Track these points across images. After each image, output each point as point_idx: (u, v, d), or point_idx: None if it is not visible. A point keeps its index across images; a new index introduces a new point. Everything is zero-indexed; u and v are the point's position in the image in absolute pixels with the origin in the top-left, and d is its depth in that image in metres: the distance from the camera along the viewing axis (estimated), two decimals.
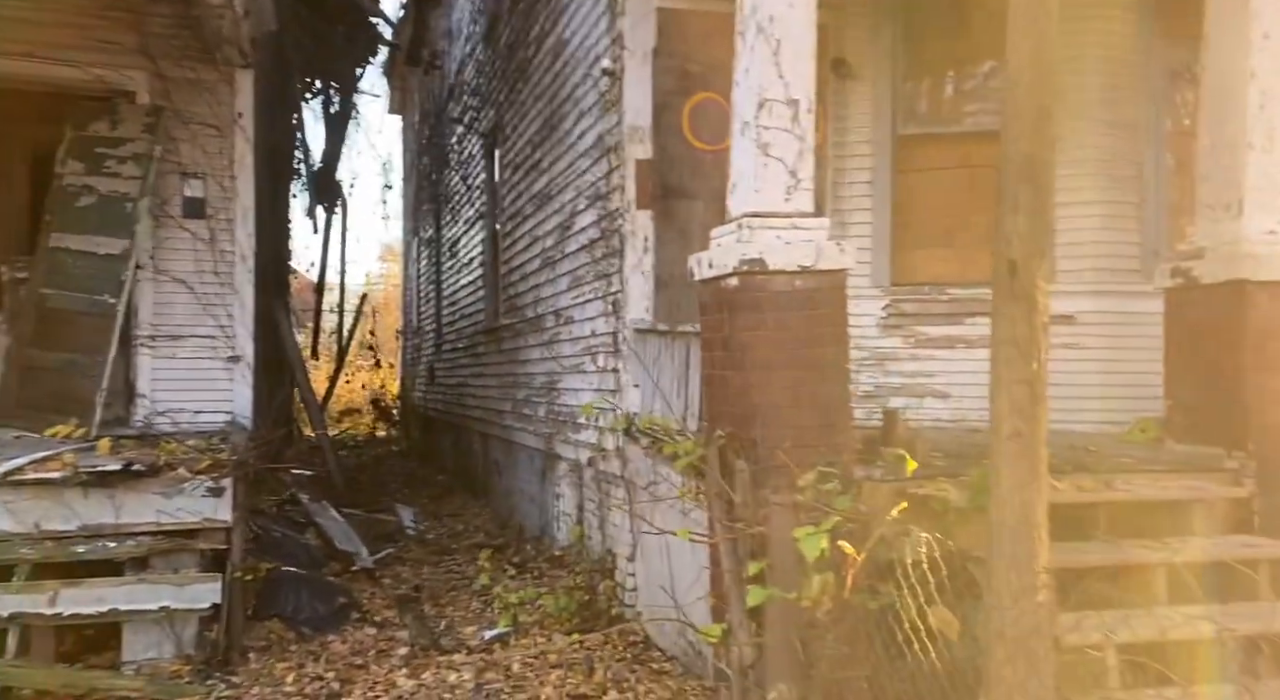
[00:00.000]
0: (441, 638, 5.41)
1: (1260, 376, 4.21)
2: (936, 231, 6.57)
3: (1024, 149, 2.90)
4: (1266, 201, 4.33)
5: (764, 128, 3.81)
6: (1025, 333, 2.87)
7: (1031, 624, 2.79)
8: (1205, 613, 3.36)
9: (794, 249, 3.76)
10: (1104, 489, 3.85)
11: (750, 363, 3.69)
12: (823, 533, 2.89)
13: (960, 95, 6.55)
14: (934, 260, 6.57)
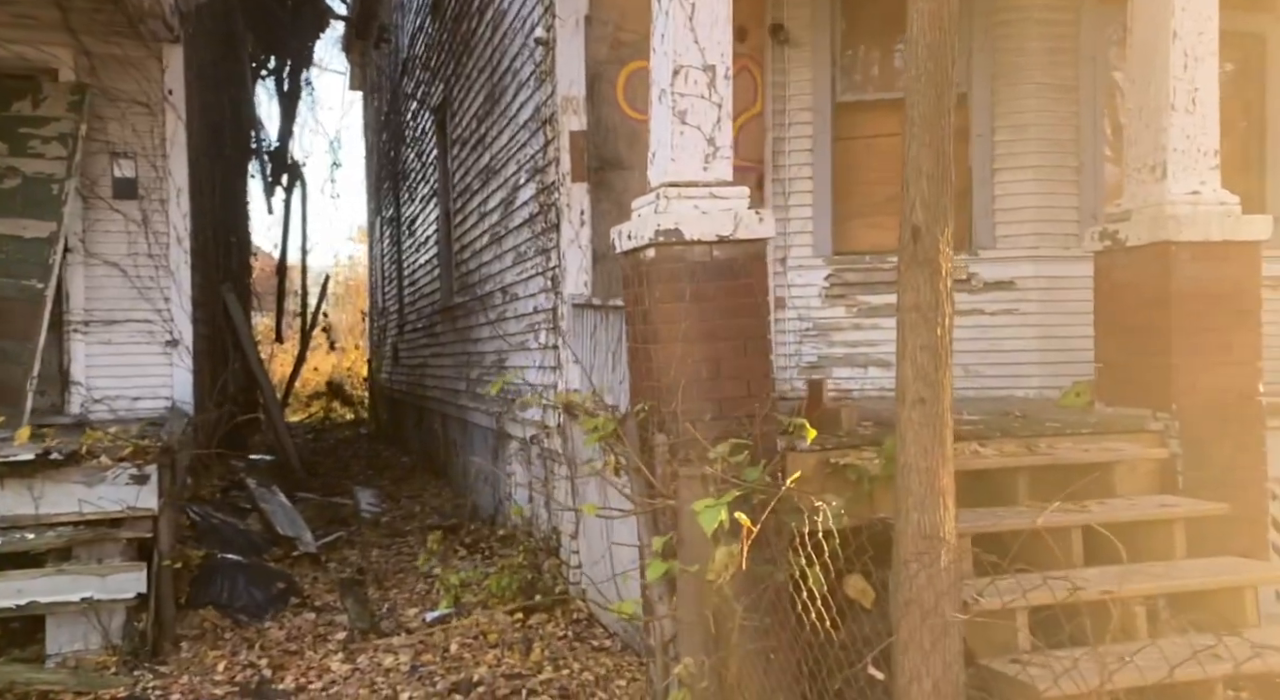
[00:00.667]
0: (382, 621, 5.36)
1: (1183, 338, 4.22)
2: (878, 199, 6.52)
3: (925, 113, 2.85)
4: (1189, 163, 4.32)
5: (680, 95, 3.73)
6: (929, 298, 2.84)
7: (939, 590, 2.78)
8: (1117, 573, 3.38)
9: (712, 219, 3.70)
10: (1026, 453, 3.86)
11: (669, 335, 3.63)
12: (721, 505, 2.86)
13: (901, 60, 6.48)
14: (876, 228, 6.53)
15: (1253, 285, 4.30)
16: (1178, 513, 3.71)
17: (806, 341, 6.37)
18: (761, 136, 6.33)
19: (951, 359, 2.89)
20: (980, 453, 3.81)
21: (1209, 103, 4.35)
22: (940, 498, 2.80)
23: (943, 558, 2.78)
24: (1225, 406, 4.25)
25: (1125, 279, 4.51)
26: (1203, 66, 4.32)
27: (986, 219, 6.15)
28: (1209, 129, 4.35)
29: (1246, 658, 2.78)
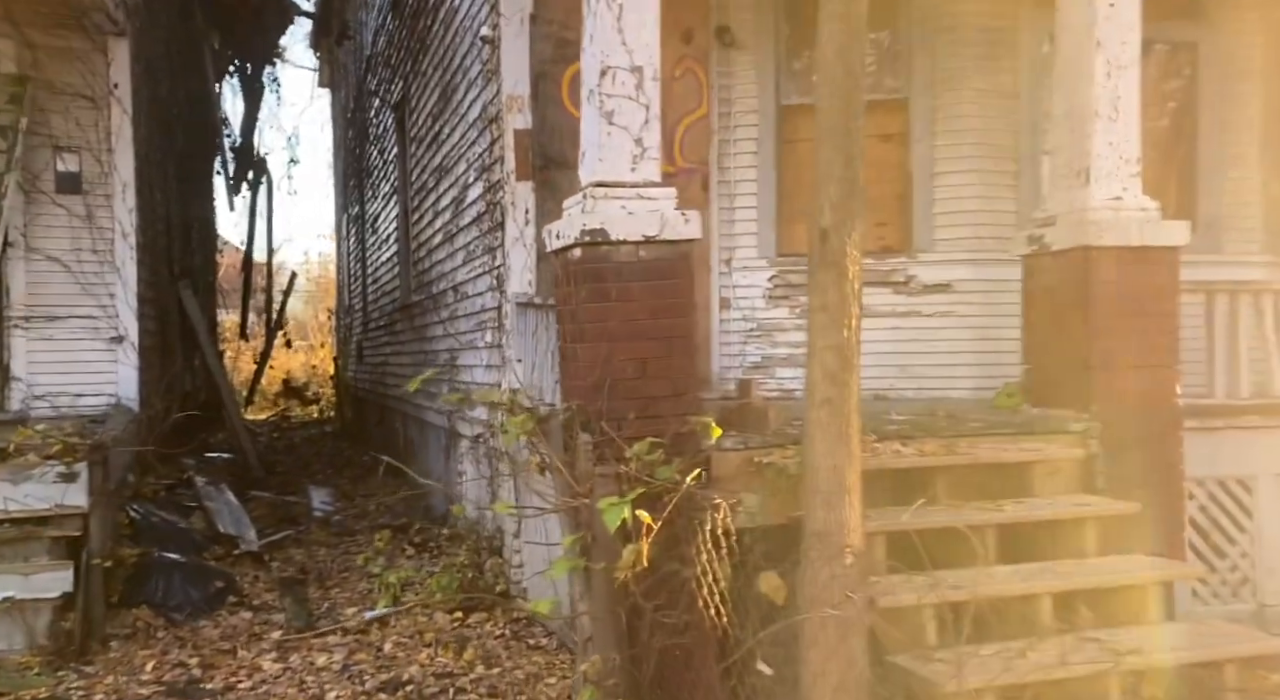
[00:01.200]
0: (320, 620, 5.35)
1: (1104, 340, 4.32)
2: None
3: (835, 117, 2.90)
4: (1112, 170, 4.42)
5: (608, 95, 3.77)
6: (836, 300, 2.89)
7: (843, 587, 2.84)
8: (1027, 571, 3.45)
9: (638, 219, 3.74)
10: (947, 453, 3.93)
11: (595, 334, 3.67)
12: (625, 503, 2.90)
13: None
14: None
15: (1171, 289, 4.40)
16: (1090, 512, 3.80)
17: (751, 342, 6.42)
18: (707, 138, 6.37)
19: (859, 359, 2.95)
20: (902, 452, 3.87)
21: (1131, 111, 4.45)
22: (846, 496, 2.85)
23: (847, 556, 2.84)
24: (1144, 408, 4.35)
25: (1050, 282, 4.60)
26: (1125, 75, 4.42)
27: (926, 222, 6.24)
28: (1131, 136, 4.45)
29: (1128, 651, 2.86)
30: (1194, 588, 4.59)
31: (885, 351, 6.26)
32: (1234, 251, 6.54)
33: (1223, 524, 4.65)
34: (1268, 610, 4.65)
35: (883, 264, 6.31)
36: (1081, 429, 4.35)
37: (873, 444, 4.01)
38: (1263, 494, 4.68)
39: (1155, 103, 6.78)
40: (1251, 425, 4.66)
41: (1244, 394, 4.74)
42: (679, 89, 6.32)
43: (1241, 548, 4.67)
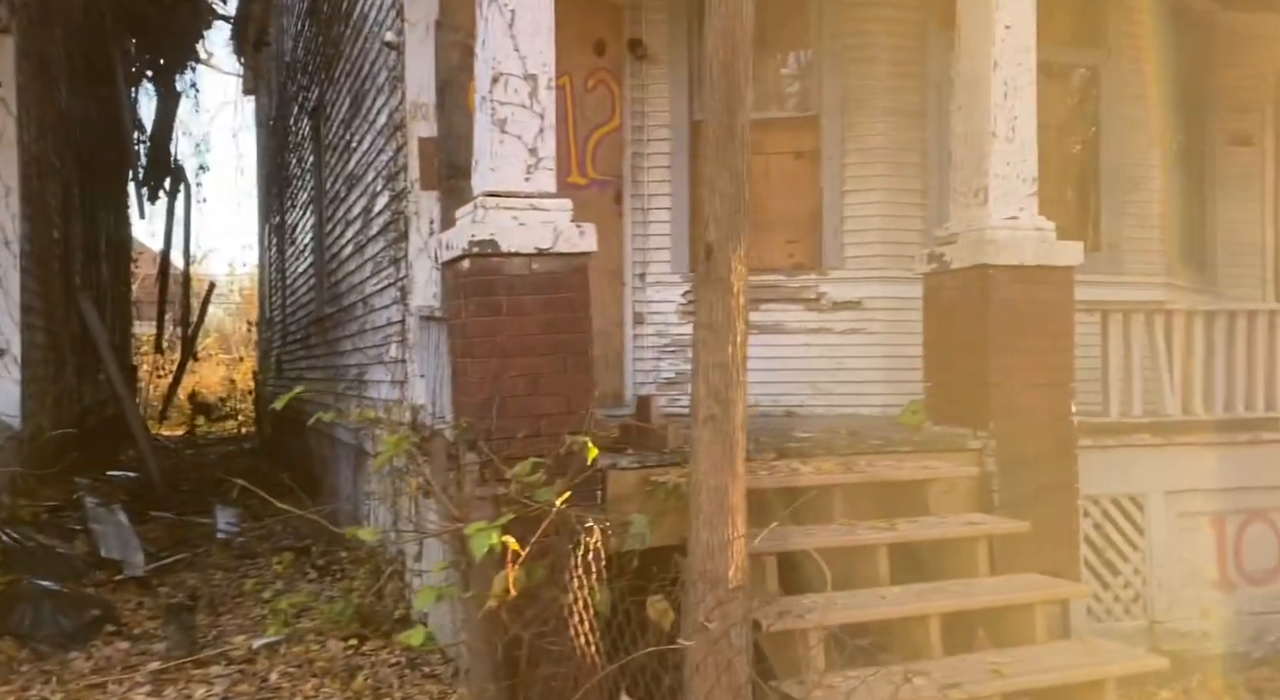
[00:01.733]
0: (205, 649, 5.07)
1: (1000, 358, 4.35)
2: None
3: (719, 131, 2.84)
4: (1009, 189, 4.47)
5: (500, 103, 3.66)
6: (721, 316, 2.82)
7: (726, 612, 2.75)
8: (918, 592, 3.42)
9: (531, 231, 3.62)
10: (844, 471, 3.89)
11: (484, 349, 3.54)
12: (495, 528, 2.77)
13: (758, 83, 6.55)
14: None
15: (1066, 308, 4.46)
16: (982, 531, 3.80)
17: (665, 357, 6.36)
18: (620, 151, 6.31)
19: (745, 376, 2.88)
20: (799, 470, 3.82)
21: (1028, 131, 4.51)
22: (729, 516, 2.77)
23: (731, 579, 2.75)
24: (1039, 426, 4.39)
25: (950, 301, 4.63)
26: (1022, 96, 4.48)
27: (835, 240, 6.27)
28: (1028, 157, 4.51)
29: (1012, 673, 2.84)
30: (1089, 605, 4.64)
31: (797, 368, 6.27)
32: (1135, 272, 6.73)
33: (1116, 541, 4.72)
34: (1159, 626, 4.72)
35: (794, 281, 6.32)
36: (979, 446, 4.36)
37: (771, 462, 3.95)
38: (1154, 511, 4.76)
39: (1059, 125, 6.96)
40: (1143, 443, 4.74)
41: (1137, 412, 4.83)
42: (591, 101, 6.25)
43: (1134, 564, 4.74)
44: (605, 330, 6.27)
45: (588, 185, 6.24)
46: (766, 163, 6.56)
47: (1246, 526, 5.00)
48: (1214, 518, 4.94)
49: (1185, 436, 4.81)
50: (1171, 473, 4.80)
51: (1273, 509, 5.04)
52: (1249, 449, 4.95)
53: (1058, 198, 6.91)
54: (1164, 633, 4.74)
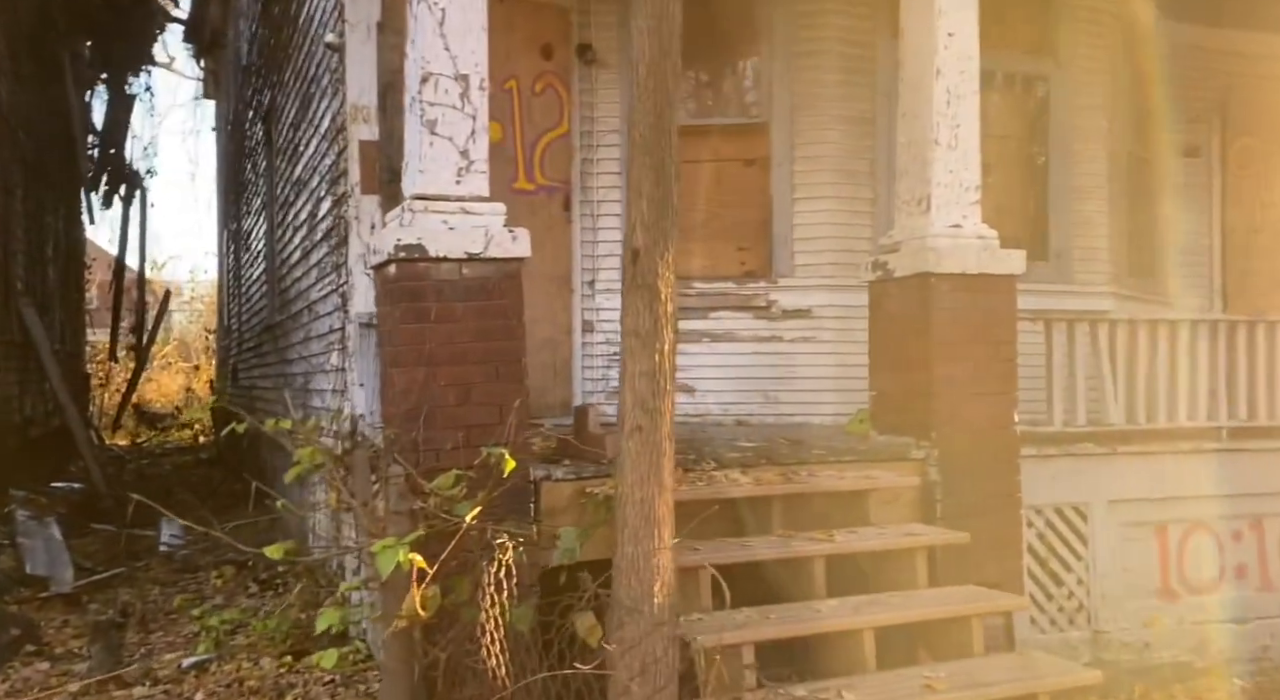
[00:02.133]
0: (131, 668, 4.88)
1: (943, 367, 4.31)
2: (687, 225, 6.49)
3: (646, 133, 2.77)
4: (952, 198, 4.45)
5: (429, 104, 3.56)
6: (648, 324, 2.74)
7: (651, 628, 2.66)
8: (853, 604, 3.36)
9: (461, 235, 3.53)
10: (784, 481, 3.83)
11: (411, 358, 3.43)
12: (403, 544, 2.67)
13: (710, 89, 6.54)
14: (684, 254, 6.35)
15: (1008, 317, 4.44)
16: (921, 542, 3.75)
17: (615, 366, 6.22)
18: (569, 156, 6.23)
19: (673, 385, 2.80)
20: (738, 481, 3.75)
21: (970, 140, 4.49)
22: (655, 529, 2.69)
23: (656, 593, 2.67)
24: (982, 435, 4.36)
25: (894, 309, 4.59)
26: (964, 104, 4.47)
27: (785, 248, 6.23)
28: (970, 165, 4.49)
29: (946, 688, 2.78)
30: (1032, 616, 4.61)
31: (747, 377, 6.21)
32: (1083, 282, 6.76)
33: (1059, 551, 4.70)
34: (1101, 637, 4.71)
35: (744, 288, 6.27)
36: (922, 456, 4.32)
37: (711, 472, 3.88)
38: (1097, 521, 4.75)
39: (1009, 135, 6.99)
40: (1086, 452, 4.74)
41: (1080, 422, 4.82)
42: (539, 105, 6.17)
43: (1077, 575, 4.72)
44: (554, 338, 6.18)
45: (535, 191, 6.15)
46: (718, 169, 6.52)
47: (1189, 536, 5.01)
48: (1157, 527, 4.94)
49: (1128, 446, 4.81)
50: (1115, 482, 4.80)
51: (1215, 518, 5.05)
52: (1191, 458, 4.96)
53: (1007, 207, 6.94)
54: (1107, 643, 4.72)
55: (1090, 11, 6.80)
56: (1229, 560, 5.10)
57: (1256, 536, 5.16)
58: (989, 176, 6.81)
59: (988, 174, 6.79)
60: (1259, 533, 5.16)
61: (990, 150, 6.92)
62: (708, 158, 6.51)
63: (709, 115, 6.44)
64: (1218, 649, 4.95)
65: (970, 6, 4.45)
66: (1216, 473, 5.04)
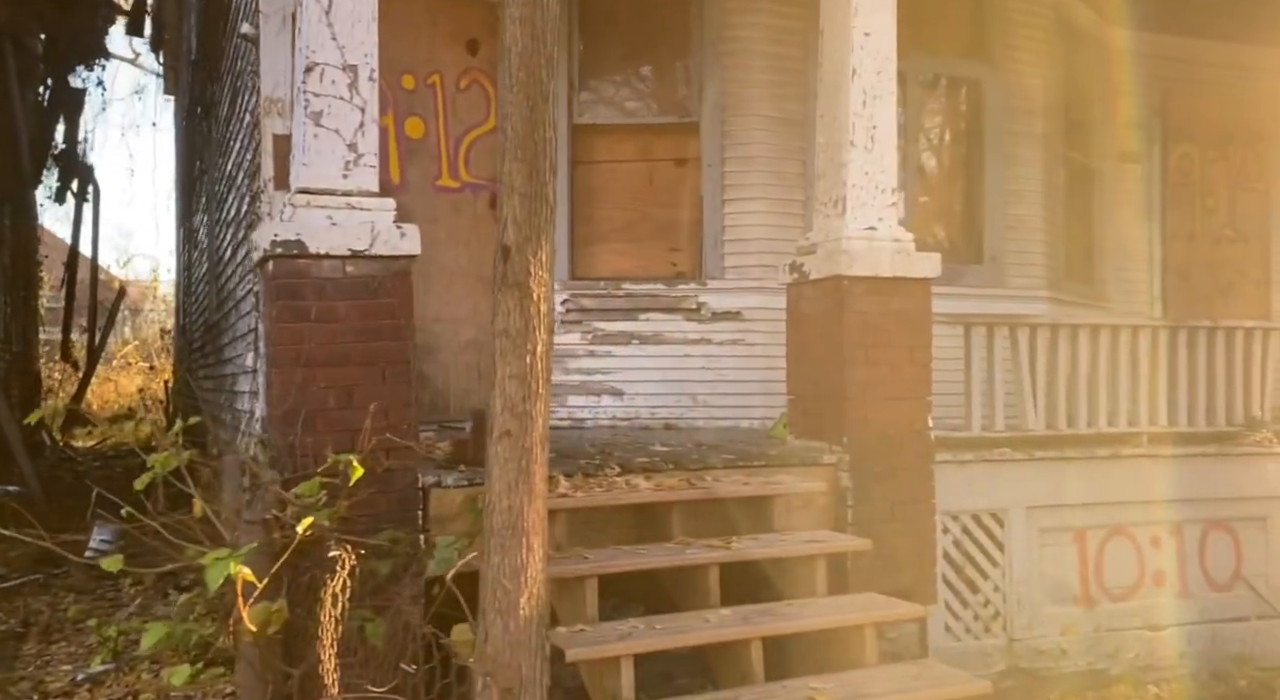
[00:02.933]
0: (19, 682, 4.69)
1: (855, 370, 4.25)
2: (618, 224, 6.43)
3: (519, 126, 2.67)
4: (867, 199, 4.38)
5: (315, 95, 3.43)
6: (519, 324, 2.64)
7: (516, 642, 2.55)
8: (745, 614, 3.27)
9: (345, 231, 3.40)
10: (686, 487, 3.74)
11: (288, 358, 3.30)
12: (236, 557, 2.54)
13: (640, 86, 6.45)
14: (617, 254, 6.43)
15: (923, 320, 4.38)
16: (820, 549, 3.67)
17: None
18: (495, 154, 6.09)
19: (546, 389, 2.69)
20: (638, 487, 3.66)
21: (887, 141, 4.43)
22: (523, 539, 2.58)
23: (523, 605, 2.56)
24: (894, 440, 4.30)
25: (809, 312, 4.52)
26: (881, 104, 4.40)
27: (716, 250, 6.15)
28: (887, 167, 4.43)
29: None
30: (948, 623, 4.56)
31: (676, 379, 6.13)
32: (1018, 286, 6.75)
33: (976, 558, 4.65)
34: (1018, 644, 4.66)
35: (674, 290, 6.19)
36: (833, 461, 4.25)
37: (613, 477, 3.78)
38: (1015, 527, 4.71)
39: (941, 137, 6.98)
40: (1004, 458, 4.69)
41: (999, 427, 4.78)
42: (465, 101, 6.04)
43: (994, 582, 4.67)
44: (478, 340, 6.05)
45: (461, 188, 6.02)
46: (650, 169, 6.44)
47: (1108, 542, 4.99)
48: (1077, 533, 4.91)
49: (1046, 451, 4.78)
50: (1033, 488, 4.76)
51: (1133, 524, 5.03)
52: (1110, 464, 4.94)
53: (941, 209, 6.93)
54: (1023, 650, 4.68)
55: (1025, 15, 6.79)
56: (1148, 566, 5.08)
57: (1176, 542, 5.15)
58: (922, 179, 6.82)
59: (921, 177, 6.81)
60: (1178, 539, 5.15)
61: (924, 152, 6.94)
62: (639, 157, 6.43)
63: (640, 114, 6.35)
64: (1134, 656, 4.93)
65: (888, 7, 4.39)
66: (1137, 478, 5.02)
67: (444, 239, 5.95)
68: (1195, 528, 5.19)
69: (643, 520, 3.73)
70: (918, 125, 6.70)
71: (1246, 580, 5.29)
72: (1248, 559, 5.31)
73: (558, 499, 3.42)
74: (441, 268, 5.96)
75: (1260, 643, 5.19)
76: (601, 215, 6.41)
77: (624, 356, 6.16)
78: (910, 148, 6.49)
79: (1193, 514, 5.17)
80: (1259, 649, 5.18)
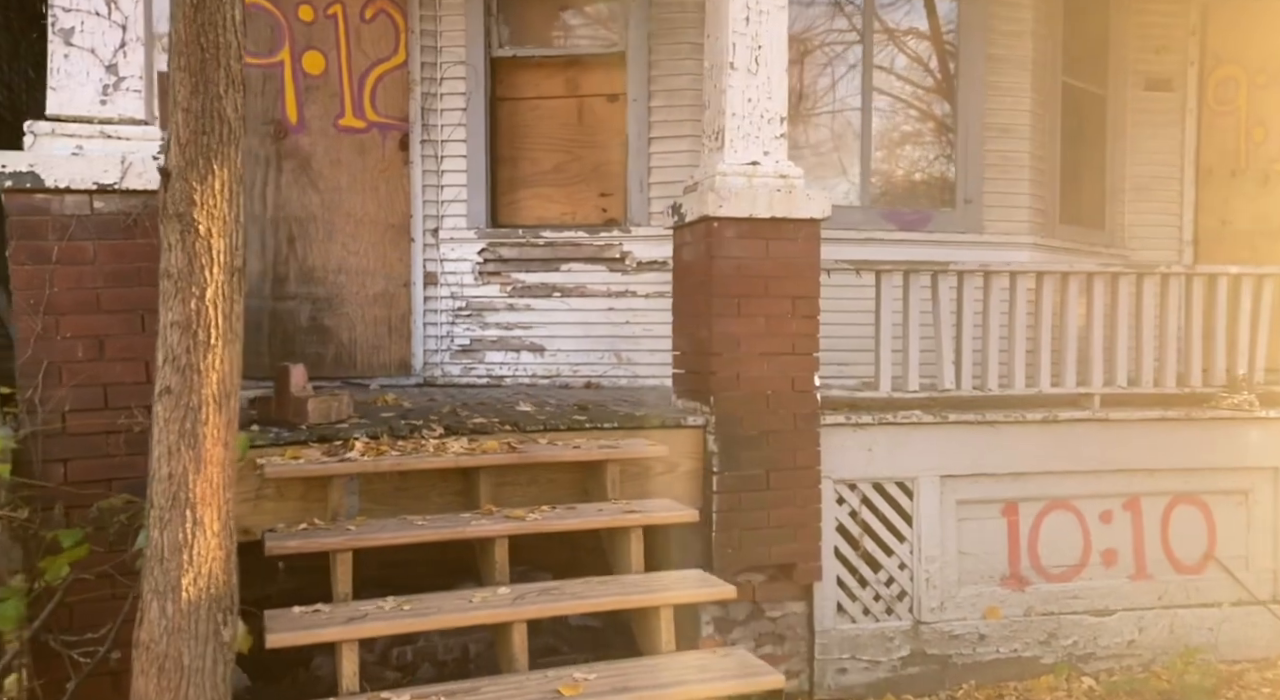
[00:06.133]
0: None
1: (725, 323, 3.76)
2: (545, 168, 5.98)
3: (183, 29, 2.27)
4: (750, 131, 3.84)
5: (64, 9, 3.08)
6: (181, 263, 2.26)
7: (174, 628, 2.22)
8: (518, 594, 2.87)
9: (90, 163, 3.06)
10: (506, 451, 3.33)
11: (28, 304, 2.99)
12: None
13: (565, 13, 5.93)
14: (542, 200, 5.99)
15: (808, 268, 3.85)
16: (635, 520, 3.23)
17: (460, 322, 5.79)
18: (406, 91, 5.70)
19: (219, 339, 2.31)
20: (447, 450, 3.27)
21: (775, 63, 3.86)
22: (186, 512, 2.23)
23: (186, 589, 2.22)
24: (773, 401, 3.81)
25: (687, 259, 4.04)
26: (768, 21, 3.84)
27: (641, 193, 5.66)
28: (775, 93, 3.87)
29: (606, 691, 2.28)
30: (840, 603, 4.08)
31: (600, 335, 5.71)
32: (998, 230, 6.07)
33: (878, 531, 4.14)
34: (926, 627, 4.16)
35: (597, 238, 5.73)
36: (700, 423, 3.79)
37: (428, 441, 3.40)
38: (926, 498, 4.17)
39: (906, 64, 6.27)
40: (909, 421, 4.14)
41: (912, 387, 4.23)
42: (370, 33, 5.64)
43: (899, 558, 4.16)
44: (388, 292, 5.72)
45: (367, 128, 5.65)
46: (580, 106, 5.95)
47: (1046, 516, 4.41)
48: (1006, 506, 4.35)
49: (964, 414, 4.21)
50: (949, 456, 4.21)
51: (1078, 496, 4.44)
52: (1047, 429, 4.34)
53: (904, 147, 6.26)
54: (933, 635, 4.18)
55: None
56: (1096, 544, 4.49)
57: (1131, 517, 4.54)
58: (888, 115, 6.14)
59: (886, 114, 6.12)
60: (1134, 513, 4.54)
61: (884, 83, 6.25)
62: (567, 93, 5.94)
63: (564, 44, 5.85)
64: (1073, 643, 4.38)
65: None
66: (1083, 445, 4.42)
67: (347, 184, 5.60)
68: (1157, 501, 4.57)
69: (468, 486, 3.36)
70: (883, 54, 6.02)
71: (1220, 561, 4.66)
72: (1224, 538, 4.67)
73: (337, 463, 3.07)
74: (346, 214, 5.63)
75: (1228, 632, 4.57)
76: (528, 157, 5.96)
77: (545, 310, 5.75)
78: (872, 77, 5.83)
79: (1154, 486, 4.54)
80: (1226, 639, 4.56)
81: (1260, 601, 4.61)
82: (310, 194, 5.53)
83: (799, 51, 5.75)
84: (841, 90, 5.86)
